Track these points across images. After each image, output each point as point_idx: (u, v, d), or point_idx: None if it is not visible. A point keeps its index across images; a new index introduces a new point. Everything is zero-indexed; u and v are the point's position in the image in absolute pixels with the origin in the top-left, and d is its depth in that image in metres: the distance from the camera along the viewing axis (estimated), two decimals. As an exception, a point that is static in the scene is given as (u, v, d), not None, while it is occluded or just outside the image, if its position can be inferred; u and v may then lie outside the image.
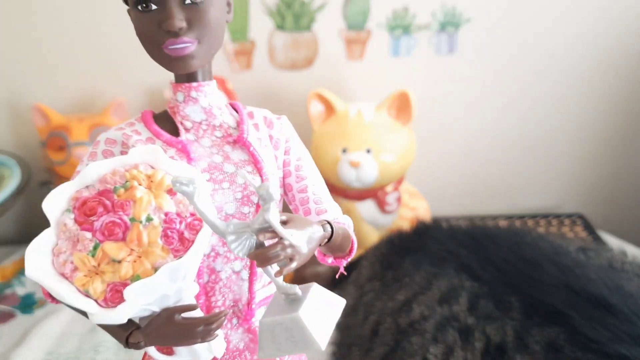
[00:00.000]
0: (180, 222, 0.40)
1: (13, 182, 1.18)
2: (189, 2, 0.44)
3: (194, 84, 0.48)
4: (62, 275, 0.38)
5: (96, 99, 1.33)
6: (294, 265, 0.37)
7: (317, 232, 0.41)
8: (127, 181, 0.40)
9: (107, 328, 0.39)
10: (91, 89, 1.34)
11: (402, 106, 1.18)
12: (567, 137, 1.43)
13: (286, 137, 0.52)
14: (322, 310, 0.40)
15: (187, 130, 0.48)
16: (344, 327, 0.97)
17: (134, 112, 1.33)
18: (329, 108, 1.20)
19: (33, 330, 1.04)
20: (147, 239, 0.38)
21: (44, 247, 0.40)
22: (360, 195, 1.20)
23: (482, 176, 1.46)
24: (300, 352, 0.39)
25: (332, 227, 0.44)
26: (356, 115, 1.17)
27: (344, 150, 1.15)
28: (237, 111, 0.51)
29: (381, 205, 1.20)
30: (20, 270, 1.26)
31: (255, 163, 0.47)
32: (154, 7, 0.44)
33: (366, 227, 1.22)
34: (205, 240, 0.39)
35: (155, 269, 0.38)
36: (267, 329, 0.39)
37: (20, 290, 1.19)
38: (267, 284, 0.50)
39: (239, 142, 0.48)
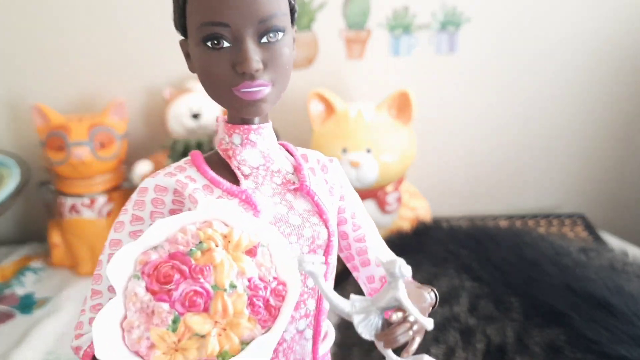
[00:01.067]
0: (265, 288, 0.36)
1: (12, 181, 1.18)
2: (265, 40, 0.40)
3: (254, 127, 0.43)
4: (137, 353, 0.34)
5: (96, 99, 1.33)
6: (418, 341, 0.36)
7: (428, 301, 0.41)
8: (201, 242, 0.36)
9: None
10: (91, 89, 1.33)
11: (402, 106, 1.17)
12: (568, 137, 1.43)
13: (340, 183, 0.49)
14: None
15: (245, 177, 0.43)
16: (344, 327, 0.97)
17: (134, 112, 1.33)
18: (329, 108, 1.20)
19: (32, 330, 1.04)
20: (232, 309, 0.34)
21: (111, 321, 0.34)
22: (361, 195, 1.19)
23: (483, 176, 1.46)
24: None
25: (435, 295, 0.42)
26: (356, 115, 1.17)
27: (344, 150, 1.15)
28: (289, 153, 0.47)
29: (381, 205, 1.20)
30: (19, 270, 1.26)
31: (320, 214, 0.44)
32: (226, 44, 0.39)
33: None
34: (292, 308, 0.35)
35: (242, 343, 0.34)
36: None
37: (20, 291, 1.19)
38: (323, 339, 0.47)
39: (301, 190, 0.45)
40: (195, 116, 1.22)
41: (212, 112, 1.23)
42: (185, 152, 1.18)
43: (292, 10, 0.43)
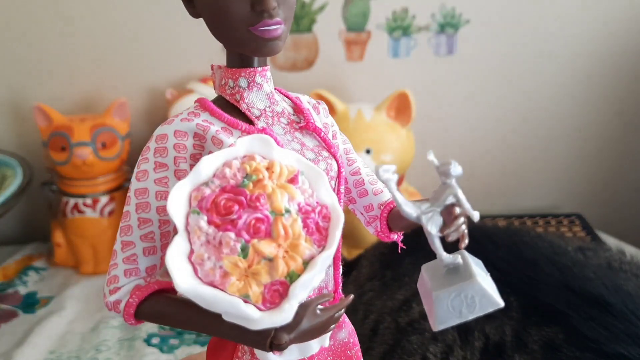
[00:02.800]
0: (314, 211, 0.38)
1: (15, 182, 1.18)
2: None
3: (259, 69, 0.45)
4: (211, 284, 0.35)
5: (98, 99, 1.34)
6: (467, 236, 0.41)
7: None
8: (249, 174, 0.37)
9: (244, 335, 0.36)
10: (93, 90, 1.34)
11: (401, 107, 1.18)
12: (566, 137, 1.43)
13: (331, 122, 0.52)
14: (482, 270, 0.44)
15: (257, 118, 0.45)
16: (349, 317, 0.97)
17: (136, 112, 1.34)
18: (329, 109, 1.21)
19: (35, 329, 1.05)
20: (292, 232, 0.36)
21: (180, 256, 0.36)
22: (360, 195, 1.21)
23: (481, 176, 1.46)
24: (481, 313, 0.41)
25: None
26: (356, 115, 1.18)
27: (344, 151, 1.16)
28: (284, 95, 0.50)
29: (381, 205, 1.20)
30: (22, 270, 1.26)
31: (328, 148, 0.47)
32: None
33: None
34: (339, 228, 0.38)
35: (304, 262, 0.36)
36: (445, 300, 0.41)
37: (23, 290, 1.19)
38: (343, 268, 0.50)
39: (307, 127, 0.47)
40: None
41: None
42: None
43: None
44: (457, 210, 0.42)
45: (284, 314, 0.34)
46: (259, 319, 0.34)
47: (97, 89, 1.34)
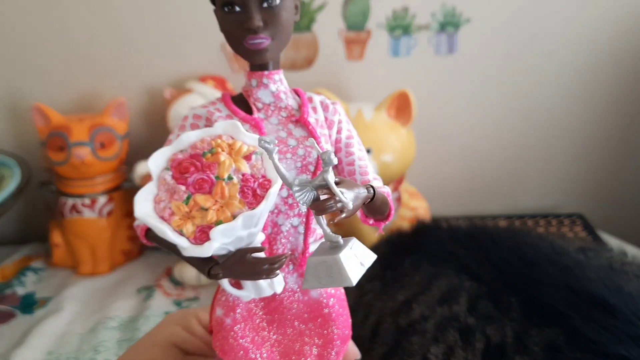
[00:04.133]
0: (254, 182, 0.49)
1: (13, 182, 1.18)
2: (266, 5, 0.53)
3: (266, 72, 0.57)
4: (162, 218, 0.48)
5: (96, 99, 1.34)
6: (343, 215, 0.48)
7: (363, 193, 0.51)
8: (212, 148, 0.49)
9: (193, 262, 0.48)
10: (91, 89, 1.34)
11: (401, 106, 1.18)
12: (567, 137, 1.43)
13: (339, 119, 0.61)
14: (357, 257, 0.51)
15: (258, 110, 0.57)
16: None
17: (134, 112, 1.33)
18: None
19: (33, 330, 1.04)
20: (228, 193, 0.47)
21: (147, 196, 0.49)
22: (360, 195, 1.20)
23: (482, 176, 1.46)
24: (336, 286, 0.49)
25: (374, 190, 0.53)
26: (356, 115, 1.17)
27: (344, 151, 1.15)
28: (299, 96, 0.61)
29: (381, 205, 1.20)
30: (20, 270, 1.26)
31: (313, 138, 0.57)
32: (237, 9, 0.53)
33: (366, 227, 1.22)
34: (273, 196, 0.48)
35: (234, 217, 0.46)
36: (312, 266, 0.49)
37: (21, 290, 1.19)
38: (319, 239, 0.59)
39: (301, 121, 0.58)
40: (196, 116, 1.22)
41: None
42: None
43: None
44: (325, 192, 0.49)
45: (204, 249, 0.45)
46: (187, 247, 0.46)
47: (95, 89, 1.33)
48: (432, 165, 1.43)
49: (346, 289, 1.00)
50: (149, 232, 0.52)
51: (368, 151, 1.15)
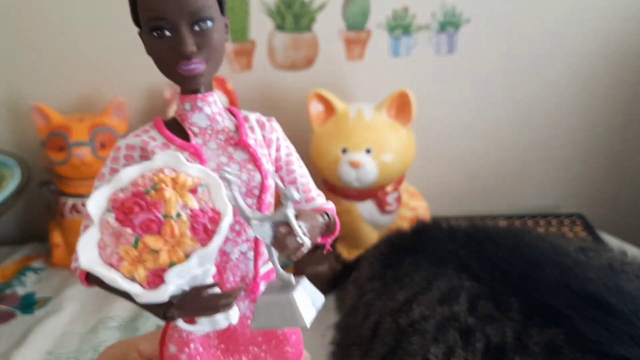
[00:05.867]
0: (203, 216, 0.47)
1: (13, 182, 1.18)
2: (197, 29, 0.51)
3: (199, 95, 0.55)
4: (110, 264, 0.46)
5: (96, 99, 1.34)
6: (299, 254, 0.48)
7: (320, 223, 0.52)
8: (155, 184, 0.48)
9: (147, 307, 0.48)
10: (91, 89, 1.34)
11: (401, 106, 1.18)
12: (567, 137, 1.43)
13: (276, 136, 0.60)
14: (310, 297, 0.51)
15: (195, 135, 0.55)
16: (344, 327, 0.97)
17: (134, 112, 1.33)
18: (329, 108, 1.20)
19: (33, 330, 1.04)
20: (178, 232, 0.46)
21: (90, 242, 0.47)
22: (360, 195, 1.20)
23: (482, 176, 1.46)
24: (289, 327, 0.49)
25: (329, 217, 0.54)
26: (356, 115, 1.17)
27: (344, 151, 1.16)
28: (234, 116, 0.59)
29: (381, 205, 1.20)
30: (20, 270, 1.26)
31: (255, 161, 0.55)
32: (167, 33, 0.51)
33: (366, 227, 1.22)
34: (225, 230, 0.47)
35: (187, 256, 0.45)
36: (264, 306, 0.49)
37: (21, 290, 1.19)
38: (267, 260, 0.58)
39: (240, 143, 0.56)
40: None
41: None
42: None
43: (220, 2, 0.54)
44: (285, 228, 0.48)
45: (159, 294, 0.44)
46: (140, 294, 0.45)
47: (95, 89, 1.33)
48: (432, 165, 1.43)
49: (346, 288, 1.00)
50: (90, 275, 0.50)
51: (368, 151, 1.15)
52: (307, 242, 0.48)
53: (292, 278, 0.50)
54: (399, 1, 1.30)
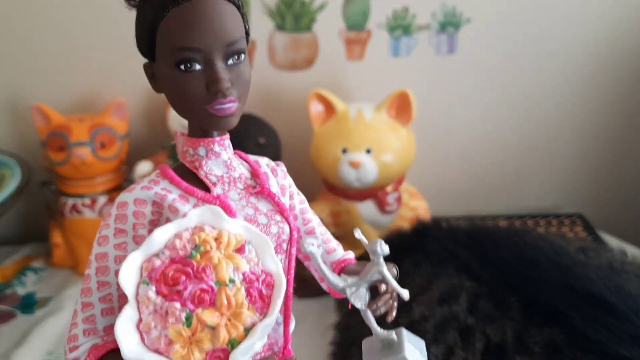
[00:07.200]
0: (257, 280, 0.41)
1: (13, 182, 1.18)
2: (231, 62, 0.45)
3: (217, 138, 0.49)
4: (156, 351, 0.39)
5: (96, 99, 1.34)
6: (395, 308, 0.47)
7: (395, 275, 0.49)
8: (198, 245, 0.40)
9: None
10: (91, 89, 1.34)
11: (402, 106, 1.18)
12: (567, 137, 1.43)
13: (289, 183, 0.55)
14: (417, 349, 0.48)
15: (214, 184, 0.49)
16: (344, 327, 0.97)
17: (134, 112, 1.33)
18: (329, 108, 1.20)
19: (33, 330, 1.04)
20: (235, 301, 0.39)
21: (127, 325, 0.39)
22: (360, 195, 1.20)
23: (482, 176, 1.46)
24: None
25: (396, 269, 0.51)
26: (356, 115, 1.17)
27: (344, 151, 1.15)
28: (245, 160, 0.53)
29: (381, 205, 1.20)
30: (20, 270, 1.26)
31: (282, 212, 0.50)
32: (198, 67, 0.44)
33: (366, 227, 1.22)
34: (282, 295, 0.41)
35: (246, 329, 0.39)
36: None
37: (21, 290, 1.19)
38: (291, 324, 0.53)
39: (263, 192, 0.50)
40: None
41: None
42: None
43: (247, 34, 0.48)
44: (383, 287, 0.46)
45: None
46: None
47: (95, 89, 1.33)
48: (432, 165, 1.43)
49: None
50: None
51: (368, 151, 1.15)
52: (406, 295, 0.46)
53: (394, 335, 0.47)
54: (399, 1, 1.30)
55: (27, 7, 1.27)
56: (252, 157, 0.53)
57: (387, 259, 0.48)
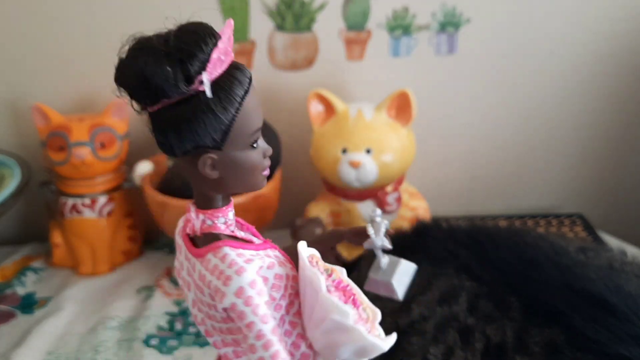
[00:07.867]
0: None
1: (13, 182, 1.18)
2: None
3: (232, 200, 0.55)
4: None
5: (96, 99, 1.34)
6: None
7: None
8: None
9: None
10: (91, 89, 1.34)
11: (402, 106, 1.18)
12: (567, 137, 1.43)
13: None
14: (404, 274, 0.66)
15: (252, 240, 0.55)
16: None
17: (134, 112, 1.33)
18: (329, 108, 1.20)
19: (33, 330, 1.05)
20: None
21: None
22: (360, 195, 1.20)
23: (482, 176, 1.46)
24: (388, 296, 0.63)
25: None
26: (356, 115, 1.17)
27: (344, 151, 1.16)
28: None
29: (381, 205, 1.20)
30: (20, 270, 1.26)
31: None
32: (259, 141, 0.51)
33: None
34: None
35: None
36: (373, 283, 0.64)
37: (21, 290, 1.19)
38: None
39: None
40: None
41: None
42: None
43: None
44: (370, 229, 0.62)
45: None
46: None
47: (95, 88, 1.33)
48: (432, 165, 1.43)
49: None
50: None
51: (368, 151, 1.15)
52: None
53: (389, 260, 0.65)
54: (399, 1, 1.30)
55: (27, 7, 1.27)
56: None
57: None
